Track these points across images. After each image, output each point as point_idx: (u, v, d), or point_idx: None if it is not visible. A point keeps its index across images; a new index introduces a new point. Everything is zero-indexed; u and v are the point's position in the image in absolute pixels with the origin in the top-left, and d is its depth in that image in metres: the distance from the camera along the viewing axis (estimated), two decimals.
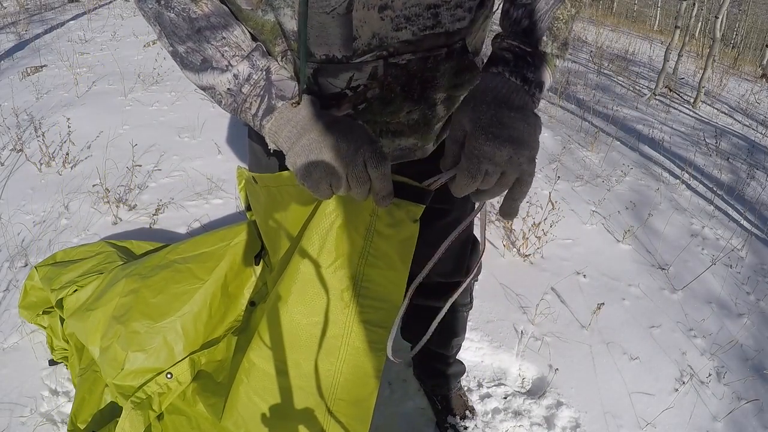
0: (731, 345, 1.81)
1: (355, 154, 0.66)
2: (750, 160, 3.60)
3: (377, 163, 0.66)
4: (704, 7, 11.07)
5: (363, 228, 0.77)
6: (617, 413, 1.52)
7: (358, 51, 0.71)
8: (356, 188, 0.67)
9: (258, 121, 0.73)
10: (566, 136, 3.49)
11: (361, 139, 0.67)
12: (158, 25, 0.72)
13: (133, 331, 1.13)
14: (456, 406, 1.45)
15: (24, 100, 3.27)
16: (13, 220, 2.10)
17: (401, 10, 0.68)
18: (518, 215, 0.83)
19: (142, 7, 0.72)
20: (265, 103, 0.72)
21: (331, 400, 0.85)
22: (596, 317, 1.82)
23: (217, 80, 0.72)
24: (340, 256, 0.80)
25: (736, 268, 2.28)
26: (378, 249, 0.78)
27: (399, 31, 0.70)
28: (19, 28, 5.09)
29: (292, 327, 0.84)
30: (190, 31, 0.71)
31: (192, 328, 1.13)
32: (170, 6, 0.70)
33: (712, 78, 5.61)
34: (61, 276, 1.42)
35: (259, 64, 0.72)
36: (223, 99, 0.74)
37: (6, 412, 1.35)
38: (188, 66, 0.73)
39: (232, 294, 1.18)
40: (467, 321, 1.36)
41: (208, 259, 1.19)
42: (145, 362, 1.12)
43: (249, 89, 0.72)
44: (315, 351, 0.84)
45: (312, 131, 0.68)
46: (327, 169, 0.66)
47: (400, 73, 0.75)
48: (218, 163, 2.67)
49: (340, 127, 0.68)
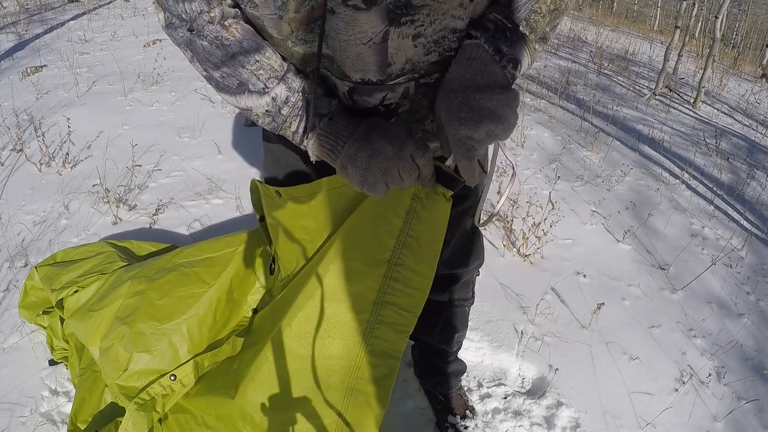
0: (731, 345, 1.81)
1: (402, 150, 0.72)
2: (750, 160, 3.60)
3: (423, 153, 0.73)
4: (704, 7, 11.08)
5: (403, 211, 0.85)
6: (617, 413, 1.52)
7: (393, 75, 0.75)
8: (407, 179, 0.74)
9: (299, 137, 0.79)
10: (566, 136, 3.49)
11: (401, 136, 0.73)
12: (190, 51, 0.75)
13: (138, 332, 1.13)
14: (456, 406, 1.45)
15: (24, 100, 3.27)
16: (13, 220, 2.10)
17: (431, 36, 0.72)
18: (518, 215, 0.87)
19: (173, 34, 0.75)
20: (304, 122, 0.77)
21: (353, 378, 0.90)
22: (596, 317, 1.82)
23: (255, 103, 0.76)
24: (376, 240, 0.86)
25: (736, 268, 2.28)
26: (416, 230, 0.85)
27: (429, 55, 0.74)
28: (19, 28, 5.09)
29: (323, 309, 0.89)
30: (225, 57, 0.74)
31: (197, 331, 1.13)
32: (202, 35, 0.73)
33: (712, 78, 5.61)
34: (61, 276, 1.41)
35: (294, 85, 0.76)
36: (260, 119, 0.79)
37: (6, 412, 1.35)
38: (224, 89, 0.76)
39: (236, 300, 1.18)
40: (468, 317, 1.36)
41: (214, 264, 1.19)
42: (150, 363, 1.12)
43: (288, 111, 0.77)
44: (341, 331, 0.89)
45: (355, 141, 0.73)
46: (380, 170, 0.72)
47: (428, 90, 0.80)
48: (218, 163, 2.67)
49: (381, 130, 0.73)
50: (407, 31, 0.70)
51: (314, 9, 0.67)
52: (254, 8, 0.70)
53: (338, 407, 0.91)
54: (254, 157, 2.74)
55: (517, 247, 2.17)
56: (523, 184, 2.72)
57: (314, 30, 0.70)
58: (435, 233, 0.86)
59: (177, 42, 0.75)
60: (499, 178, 2.67)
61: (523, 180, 2.77)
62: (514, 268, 2.08)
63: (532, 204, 2.36)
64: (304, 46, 0.73)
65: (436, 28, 0.70)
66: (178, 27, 0.73)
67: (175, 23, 0.73)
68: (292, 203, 0.93)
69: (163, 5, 0.74)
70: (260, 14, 0.70)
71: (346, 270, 0.88)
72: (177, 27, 0.74)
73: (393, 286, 0.87)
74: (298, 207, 0.93)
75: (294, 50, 0.74)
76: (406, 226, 0.85)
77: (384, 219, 0.86)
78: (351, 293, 0.88)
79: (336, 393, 0.91)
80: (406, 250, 0.86)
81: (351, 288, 0.88)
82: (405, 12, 0.68)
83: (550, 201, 2.26)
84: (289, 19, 0.69)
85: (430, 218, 0.85)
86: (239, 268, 1.18)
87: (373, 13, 0.66)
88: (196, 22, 0.72)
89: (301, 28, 0.70)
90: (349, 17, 0.66)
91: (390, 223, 0.86)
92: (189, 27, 0.72)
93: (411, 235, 0.85)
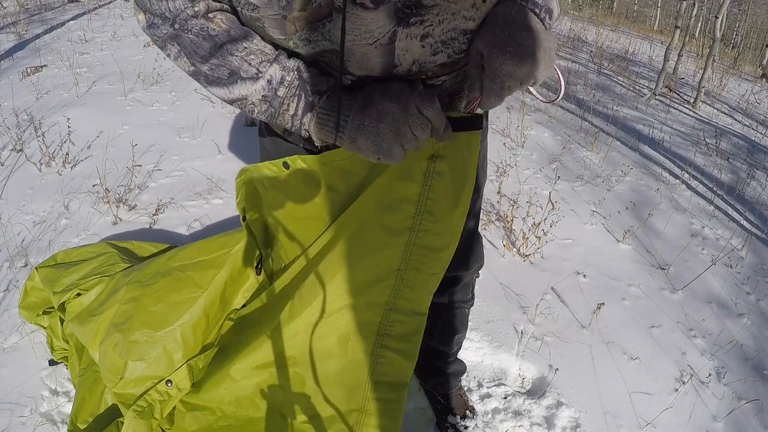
0: (731, 345, 1.81)
1: (407, 105, 0.69)
2: (750, 160, 3.60)
3: (429, 104, 0.70)
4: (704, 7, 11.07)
5: (419, 174, 0.82)
6: (617, 413, 1.52)
7: (398, 76, 0.73)
8: (421, 134, 0.70)
9: (298, 121, 0.74)
10: (566, 136, 3.49)
11: (403, 91, 0.70)
12: (177, 45, 0.71)
13: (133, 341, 1.14)
14: (456, 406, 1.45)
15: (24, 100, 3.27)
16: (13, 220, 2.10)
17: (439, 36, 0.70)
18: (518, 215, 0.87)
19: (155, 33, 0.72)
20: (303, 101, 0.73)
21: (382, 336, 0.91)
22: (596, 317, 1.82)
23: (250, 90, 0.72)
24: (393, 209, 0.84)
25: (736, 268, 2.28)
26: (436, 191, 0.82)
27: (436, 56, 0.72)
28: (19, 28, 5.09)
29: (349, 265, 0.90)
30: (213, 48, 0.71)
31: (191, 335, 1.14)
32: (187, 28, 0.70)
33: (712, 78, 5.61)
34: (62, 278, 1.42)
35: (288, 65, 0.72)
36: (256, 107, 0.74)
37: (6, 412, 1.35)
38: (215, 82, 0.73)
39: (228, 298, 1.18)
40: (468, 318, 1.36)
41: (208, 267, 1.18)
42: (146, 371, 1.12)
43: (285, 91, 0.72)
44: (368, 291, 0.89)
45: (358, 109, 0.70)
46: (391, 132, 0.69)
47: (436, 91, 0.78)
48: (218, 163, 2.67)
49: (381, 91, 0.70)
50: (416, 31, 0.68)
51: (321, 7, 0.66)
52: (253, 10, 0.69)
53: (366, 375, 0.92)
54: (254, 157, 2.72)
55: (517, 247, 2.17)
56: (523, 184, 2.72)
57: (319, 29, 0.69)
58: (463, 180, 0.83)
59: (160, 39, 0.72)
60: (499, 179, 2.67)
61: (523, 180, 2.77)
62: (514, 268, 2.08)
63: (532, 204, 2.36)
64: (307, 47, 0.71)
65: (444, 28, 0.70)
66: (161, 25, 0.71)
67: (157, 23, 0.71)
68: (299, 174, 0.89)
69: (143, 6, 0.72)
70: (261, 15, 0.69)
71: (364, 245, 0.88)
72: (159, 26, 0.71)
73: (417, 252, 0.86)
74: (306, 178, 0.90)
75: (296, 51, 0.73)
76: (425, 189, 0.82)
77: (398, 187, 0.84)
78: (371, 265, 0.88)
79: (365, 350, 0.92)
80: (428, 215, 0.84)
81: (371, 260, 0.88)
82: (415, 12, 0.66)
83: (550, 201, 2.26)
84: (293, 17, 0.68)
85: (455, 170, 0.82)
86: (233, 270, 1.17)
87: (380, 13, 0.65)
88: (179, 17, 0.70)
89: (306, 28, 0.69)
90: (355, 16, 0.65)
91: (407, 189, 0.83)
92: (172, 23, 0.70)
93: (431, 197, 0.83)
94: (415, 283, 0.88)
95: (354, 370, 0.92)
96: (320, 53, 0.72)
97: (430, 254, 0.87)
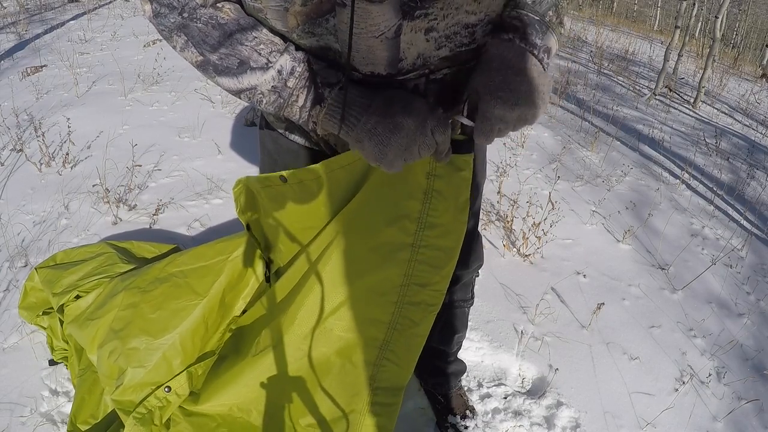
0: (731, 345, 1.81)
1: (423, 126, 0.70)
2: (750, 160, 3.60)
3: (443, 128, 0.71)
4: (704, 7, 11.07)
5: (420, 192, 0.84)
6: (617, 413, 1.52)
7: (403, 70, 0.73)
8: (425, 153, 0.72)
9: (306, 113, 0.73)
10: (566, 136, 3.49)
11: (423, 111, 0.70)
12: (184, 35, 0.71)
13: (132, 348, 1.14)
14: (456, 406, 1.45)
15: (24, 100, 3.27)
16: (13, 220, 2.10)
17: (443, 30, 0.70)
18: (518, 215, 0.87)
19: (162, 22, 0.71)
20: (312, 93, 0.72)
21: (391, 333, 0.92)
22: (596, 317, 1.82)
23: (260, 80, 0.71)
24: (393, 226, 0.86)
25: (736, 268, 2.28)
26: (437, 209, 0.85)
27: (440, 50, 0.73)
28: (19, 28, 5.09)
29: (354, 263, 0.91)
30: (222, 37, 0.70)
31: (190, 342, 1.14)
32: (195, 17, 0.70)
33: (712, 78, 5.61)
34: (62, 279, 1.42)
35: (299, 56, 0.72)
36: (265, 98, 0.73)
37: (6, 412, 1.35)
38: (224, 72, 0.72)
39: (228, 304, 1.17)
40: (468, 318, 1.36)
41: (206, 274, 1.18)
42: (145, 378, 1.12)
43: (294, 82, 0.72)
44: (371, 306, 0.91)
45: (373, 113, 0.70)
46: (401, 147, 0.69)
47: (437, 86, 0.78)
48: (218, 163, 2.67)
49: (402, 104, 0.70)
50: (420, 25, 0.69)
51: (322, 2, 0.66)
52: (256, 0, 0.69)
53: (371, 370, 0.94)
54: (254, 157, 2.73)
55: (517, 247, 2.17)
56: (523, 184, 2.72)
57: (322, 24, 0.69)
58: (459, 200, 0.85)
59: (167, 29, 0.72)
60: (499, 178, 2.67)
61: (523, 180, 2.77)
62: (514, 268, 2.08)
63: (532, 204, 2.36)
64: (311, 39, 0.71)
65: (448, 22, 0.70)
66: (168, 15, 0.70)
67: (164, 12, 0.71)
68: (297, 187, 0.90)
69: None
70: (264, 6, 0.69)
71: (365, 260, 0.89)
72: (166, 15, 0.71)
73: (419, 268, 0.88)
74: (303, 192, 0.90)
75: (300, 43, 0.72)
76: (425, 206, 0.85)
77: (398, 204, 0.86)
78: (373, 280, 0.90)
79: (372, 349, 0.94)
80: (429, 230, 0.86)
81: (373, 276, 0.89)
82: (419, 5, 0.67)
83: (550, 201, 2.26)
84: (295, 11, 0.67)
85: (451, 189, 0.84)
86: (232, 277, 1.16)
87: (386, 6, 0.65)
88: (188, 6, 0.69)
89: (308, 21, 0.68)
90: (361, 10, 0.65)
91: (407, 207, 0.85)
92: (180, 12, 0.70)
93: (432, 214, 0.85)
94: (417, 300, 0.90)
95: (355, 379, 0.94)
96: (325, 47, 0.72)
97: (432, 270, 0.88)
